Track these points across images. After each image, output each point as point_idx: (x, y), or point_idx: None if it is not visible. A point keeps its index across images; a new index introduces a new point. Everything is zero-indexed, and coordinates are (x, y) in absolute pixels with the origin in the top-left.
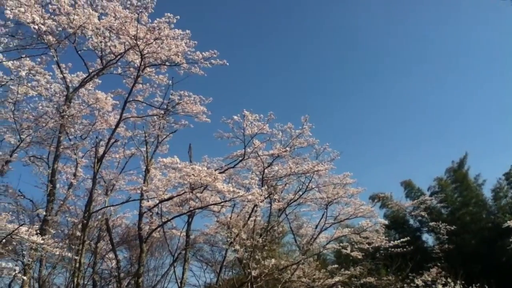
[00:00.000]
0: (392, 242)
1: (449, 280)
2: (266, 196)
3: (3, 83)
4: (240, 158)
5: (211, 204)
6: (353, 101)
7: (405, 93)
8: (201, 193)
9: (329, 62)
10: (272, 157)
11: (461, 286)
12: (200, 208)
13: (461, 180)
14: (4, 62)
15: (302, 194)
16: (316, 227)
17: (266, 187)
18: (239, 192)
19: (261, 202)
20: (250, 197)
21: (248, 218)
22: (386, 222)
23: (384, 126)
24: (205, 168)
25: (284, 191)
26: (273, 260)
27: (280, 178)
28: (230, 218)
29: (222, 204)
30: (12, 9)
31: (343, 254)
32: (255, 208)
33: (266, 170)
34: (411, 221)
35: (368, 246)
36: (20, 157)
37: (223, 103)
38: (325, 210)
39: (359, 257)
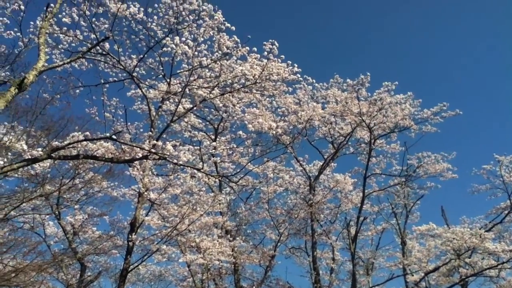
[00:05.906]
0: None
1: None
2: None
3: (256, 187)
4: (506, 211)
5: (486, 269)
6: None
7: None
8: (470, 257)
9: None
10: None
11: None
12: (473, 275)
13: None
14: (253, 169)
15: None
16: None
17: None
18: None
19: None
20: None
21: None
22: None
23: None
24: (467, 229)
25: None
26: None
27: None
28: None
29: (499, 267)
30: (252, 122)
31: None
32: None
33: None
34: None
35: None
36: (281, 250)
37: (469, 153)
38: None
39: None
